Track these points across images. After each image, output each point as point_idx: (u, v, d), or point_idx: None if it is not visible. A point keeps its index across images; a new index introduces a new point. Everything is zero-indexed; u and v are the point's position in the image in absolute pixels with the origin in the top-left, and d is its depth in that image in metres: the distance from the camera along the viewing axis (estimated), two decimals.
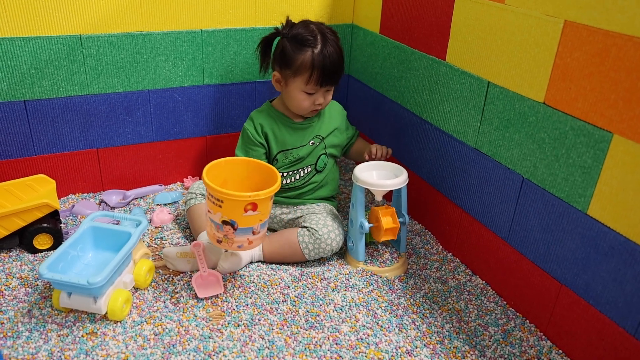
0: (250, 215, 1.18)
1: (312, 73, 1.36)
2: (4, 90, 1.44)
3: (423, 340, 1.17)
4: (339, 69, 1.39)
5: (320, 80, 1.37)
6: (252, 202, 1.15)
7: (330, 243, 1.37)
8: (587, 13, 0.97)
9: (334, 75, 1.39)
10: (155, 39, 1.55)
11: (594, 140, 1.00)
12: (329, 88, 1.42)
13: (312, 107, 1.42)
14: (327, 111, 1.53)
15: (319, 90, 1.40)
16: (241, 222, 1.18)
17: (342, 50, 1.40)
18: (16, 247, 1.41)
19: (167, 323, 1.18)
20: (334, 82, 1.41)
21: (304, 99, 1.41)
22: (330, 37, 1.38)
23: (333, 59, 1.36)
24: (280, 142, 1.47)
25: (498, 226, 1.29)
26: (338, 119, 1.55)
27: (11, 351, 1.08)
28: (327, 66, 1.35)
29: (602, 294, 1.03)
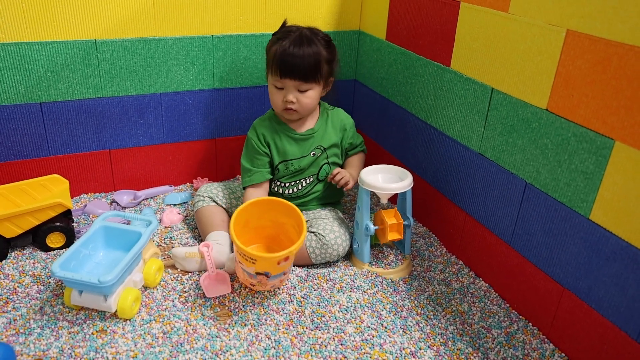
0: (283, 265, 1.21)
1: (274, 63, 1.37)
2: (21, 93, 1.47)
3: (427, 342, 1.18)
4: (302, 62, 1.35)
5: (279, 71, 1.36)
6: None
7: (337, 248, 1.39)
8: (589, 23, 0.99)
9: (295, 68, 1.35)
10: (167, 44, 1.58)
11: (596, 146, 1.01)
12: (300, 86, 1.38)
13: (283, 104, 1.40)
14: (330, 121, 1.52)
15: (285, 84, 1.38)
16: (274, 271, 1.21)
17: (319, 51, 1.37)
18: (29, 245, 1.43)
19: (175, 322, 1.19)
20: (297, 76, 1.36)
21: (274, 92, 1.41)
22: (309, 37, 1.38)
23: (296, 53, 1.34)
24: (282, 152, 1.47)
25: (501, 230, 1.30)
26: (338, 129, 1.53)
27: (23, 347, 1.10)
28: (287, 57, 1.34)
29: (604, 298, 1.05)
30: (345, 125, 1.54)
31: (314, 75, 1.38)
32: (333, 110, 1.55)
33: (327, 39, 1.43)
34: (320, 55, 1.38)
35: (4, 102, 1.46)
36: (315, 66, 1.37)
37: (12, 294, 1.25)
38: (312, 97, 1.41)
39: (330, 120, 1.52)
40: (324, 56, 1.39)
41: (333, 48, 1.44)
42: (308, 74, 1.37)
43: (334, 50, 1.45)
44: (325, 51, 1.40)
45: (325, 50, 1.40)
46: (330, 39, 1.44)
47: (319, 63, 1.38)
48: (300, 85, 1.38)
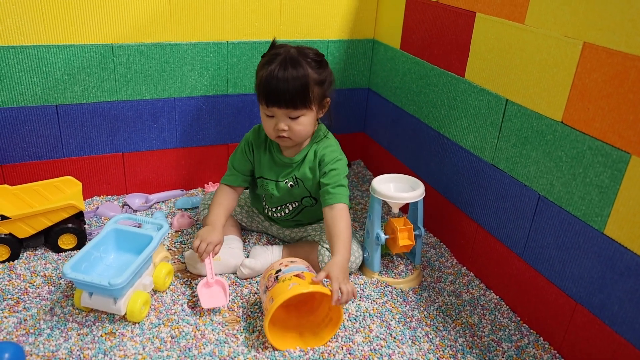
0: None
1: (260, 91, 1.28)
2: (38, 95, 1.49)
3: (436, 354, 1.17)
4: (288, 90, 1.24)
5: (265, 100, 1.27)
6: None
7: (350, 266, 1.38)
8: (607, 35, 0.99)
9: (280, 96, 1.25)
10: (182, 49, 1.59)
11: (612, 160, 1.00)
12: (290, 113, 1.28)
13: (274, 132, 1.31)
14: (312, 153, 1.39)
15: (274, 112, 1.28)
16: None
17: (308, 74, 1.26)
18: (41, 245, 1.45)
19: (184, 326, 1.19)
20: (284, 104, 1.26)
21: (265, 120, 1.32)
22: (296, 59, 1.26)
23: (280, 78, 1.23)
24: (260, 169, 1.43)
25: (513, 242, 1.29)
26: (317, 162, 1.38)
27: (32, 348, 1.11)
28: (271, 85, 1.24)
29: (618, 314, 1.03)
30: (324, 156, 1.37)
31: (303, 101, 1.27)
32: (323, 140, 1.40)
33: (317, 58, 1.30)
34: (307, 78, 1.26)
35: (21, 103, 1.48)
36: (303, 91, 1.26)
37: (23, 294, 1.26)
38: (305, 123, 1.31)
39: (314, 153, 1.39)
40: (313, 79, 1.27)
41: (324, 67, 1.32)
42: (297, 101, 1.26)
43: (326, 70, 1.32)
44: (315, 72, 1.28)
45: (315, 71, 1.28)
46: (322, 58, 1.32)
47: (306, 87, 1.26)
48: (290, 112, 1.28)
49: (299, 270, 1.19)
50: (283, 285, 1.13)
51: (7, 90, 1.45)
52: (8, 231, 1.35)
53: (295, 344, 1.17)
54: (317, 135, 1.41)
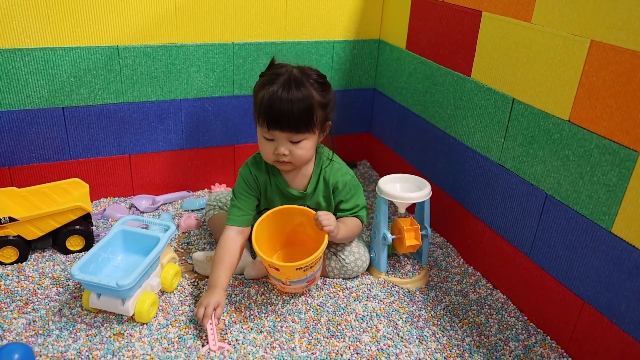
0: (275, 272, 1.23)
1: (261, 112, 1.22)
2: (45, 97, 1.49)
3: (443, 353, 1.17)
4: (291, 113, 1.18)
5: (267, 122, 1.21)
6: (274, 265, 1.20)
7: (357, 270, 1.39)
8: (614, 33, 0.98)
9: (284, 119, 1.19)
10: (188, 51, 1.60)
11: (619, 158, 1.00)
12: (292, 137, 1.23)
13: (274, 156, 1.26)
14: (322, 181, 1.35)
15: (274, 135, 1.23)
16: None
17: (311, 96, 1.21)
18: (50, 247, 1.45)
19: (191, 327, 1.20)
20: (287, 128, 1.20)
21: (264, 144, 1.26)
22: (300, 80, 1.21)
23: (283, 100, 1.18)
24: (269, 202, 1.38)
25: (520, 241, 1.29)
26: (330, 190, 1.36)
27: (42, 349, 1.11)
28: (274, 107, 1.18)
29: (626, 313, 1.03)
30: (337, 183, 1.35)
31: (306, 124, 1.22)
32: (328, 167, 1.36)
33: (320, 80, 1.25)
34: (312, 100, 1.21)
35: (28, 106, 1.49)
36: (307, 115, 1.21)
37: (32, 295, 1.27)
38: (306, 147, 1.25)
39: (323, 180, 1.35)
40: (317, 101, 1.22)
41: (328, 89, 1.27)
42: (300, 125, 1.21)
43: (329, 91, 1.27)
44: (319, 95, 1.23)
45: (319, 93, 1.23)
46: (324, 79, 1.27)
47: (310, 110, 1.21)
48: (292, 136, 1.22)
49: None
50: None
51: (13, 93, 1.46)
52: (16, 233, 1.36)
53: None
54: (321, 160, 1.36)
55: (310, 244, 1.32)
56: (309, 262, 1.19)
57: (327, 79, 1.28)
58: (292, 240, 1.38)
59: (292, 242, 1.38)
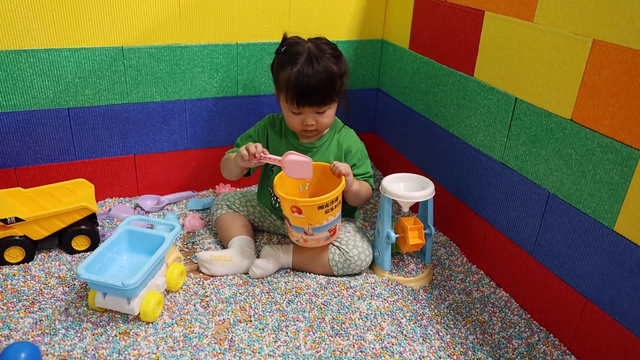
0: (297, 217, 1.27)
1: (288, 92, 1.31)
2: (50, 98, 1.50)
3: (447, 351, 1.18)
4: (319, 89, 1.30)
5: (296, 100, 1.31)
6: (296, 206, 1.24)
7: (360, 264, 1.40)
8: (616, 32, 0.99)
9: (312, 96, 1.31)
10: (192, 51, 1.61)
11: (622, 157, 1.01)
12: (318, 109, 1.35)
13: (301, 127, 1.37)
14: (335, 141, 1.45)
15: (302, 110, 1.34)
16: (292, 220, 1.31)
17: (332, 70, 1.32)
18: (55, 247, 1.46)
19: (196, 326, 1.21)
20: (315, 103, 1.32)
21: (291, 117, 1.37)
22: (318, 56, 1.30)
23: (310, 80, 1.28)
24: (277, 154, 1.38)
25: (523, 240, 1.29)
26: (342, 150, 1.45)
27: (48, 347, 1.12)
28: (302, 86, 1.29)
29: (628, 310, 1.03)
30: (350, 147, 1.45)
31: (331, 97, 1.34)
32: (343, 130, 1.49)
33: (335, 53, 1.36)
34: (333, 74, 1.32)
35: (33, 107, 1.50)
36: (331, 88, 1.32)
37: (38, 294, 1.28)
38: (330, 115, 1.39)
39: (336, 140, 1.46)
40: (336, 73, 1.33)
41: (342, 58, 1.38)
42: (325, 98, 1.33)
43: (343, 61, 1.38)
44: (336, 67, 1.34)
45: (336, 65, 1.34)
46: (337, 49, 1.37)
47: (333, 83, 1.33)
48: (319, 109, 1.35)
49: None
50: None
51: (19, 94, 1.47)
52: (22, 233, 1.37)
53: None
54: (335, 124, 1.48)
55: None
56: (330, 198, 1.25)
57: (337, 48, 1.38)
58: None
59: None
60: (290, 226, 1.33)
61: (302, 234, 1.32)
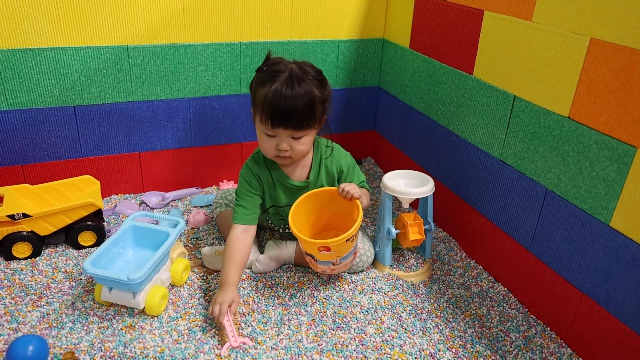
0: (325, 254, 1.24)
1: (263, 110, 1.22)
2: (56, 96, 1.52)
3: (446, 344, 1.19)
4: (296, 111, 1.20)
5: (270, 120, 1.21)
6: (324, 246, 1.21)
7: (362, 266, 1.41)
8: (613, 31, 1.00)
9: (288, 117, 1.21)
10: (196, 50, 1.62)
11: (618, 154, 1.02)
12: (294, 134, 1.24)
13: (274, 152, 1.27)
14: (324, 170, 1.39)
15: (277, 133, 1.24)
16: (319, 257, 1.25)
17: (313, 93, 1.22)
18: (62, 243, 1.48)
19: (201, 319, 1.22)
20: (290, 126, 1.22)
21: (265, 140, 1.27)
22: (300, 77, 1.22)
23: (288, 99, 1.19)
24: (274, 199, 1.40)
25: (521, 235, 1.31)
26: (335, 173, 1.40)
27: (55, 341, 1.14)
28: (277, 105, 1.19)
29: (624, 304, 1.05)
30: (341, 167, 1.39)
31: (308, 121, 1.24)
32: (329, 157, 1.39)
33: (318, 76, 1.27)
34: (314, 97, 1.23)
35: (40, 105, 1.51)
36: (309, 112, 1.23)
37: (45, 289, 1.30)
38: (307, 142, 1.28)
39: (325, 168, 1.39)
40: (317, 98, 1.24)
41: (325, 84, 1.28)
42: (303, 122, 1.23)
43: (327, 86, 1.29)
44: (318, 91, 1.24)
45: (318, 90, 1.25)
46: (321, 74, 1.29)
47: (313, 107, 1.23)
48: (295, 133, 1.24)
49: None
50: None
51: (26, 92, 1.48)
52: (30, 229, 1.38)
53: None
54: (319, 149, 1.39)
55: (338, 223, 1.34)
56: (355, 230, 1.21)
57: (322, 73, 1.29)
58: (320, 228, 1.41)
59: (322, 229, 1.41)
60: (316, 262, 1.28)
61: (329, 265, 1.29)
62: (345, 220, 1.30)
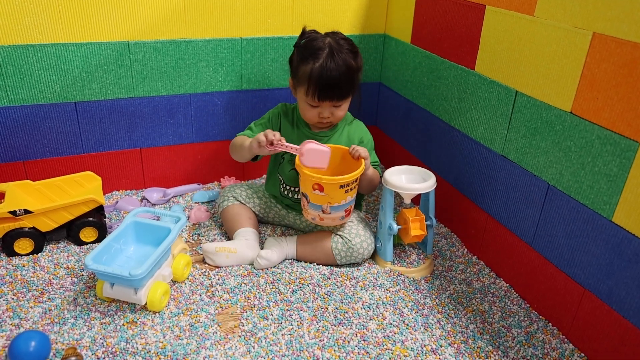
0: (318, 195, 1.29)
1: (310, 86, 1.34)
2: (57, 92, 1.52)
3: (448, 340, 1.20)
4: (340, 84, 1.34)
5: (317, 95, 1.34)
6: (319, 184, 1.27)
7: (362, 252, 1.41)
8: (616, 25, 1.00)
9: (334, 91, 1.34)
10: (197, 46, 1.62)
11: (620, 149, 1.02)
12: (336, 103, 1.38)
13: (317, 119, 1.41)
14: (347, 132, 1.49)
15: (321, 103, 1.37)
16: (312, 198, 1.33)
17: (352, 65, 1.35)
18: (64, 239, 1.48)
19: (202, 315, 1.23)
20: (335, 98, 1.36)
21: (308, 109, 1.40)
22: (339, 51, 1.33)
23: (332, 75, 1.32)
24: (290, 142, 1.41)
25: (523, 231, 1.31)
26: (355, 141, 1.48)
27: (57, 336, 1.14)
28: (324, 81, 1.32)
29: (626, 299, 1.05)
30: (362, 138, 1.50)
31: (350, 91, 1.38)
32: (354, 122, 1.52)
33: (353, 48, 1.38)
34: (353, 70, 1.36)
35: (41, 101, 1.51)
36: (350, 83, 1.36)
37: (47, 285, 1.30)
38: (345, 108, 1.42)
39: (348, 131, 1.49)
40: (354, 68, 1.37)
41: (358, 54, 1.40)
42: (344, 93, 1.37)
43: (359, 57, 1.41)
44: (354, 62, 1.37)
45: (355, 61, 1.37)
46: (354, 45, 1.40)
47: (352, 78, 1.36)
48: (337, 102, 1.38)
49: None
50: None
51: (27, 88, 1.48)
52: (32, 225, 1.39)
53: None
54: (346, 116, 1.50)
55: None
56: (352, 178, 1.29)
57: (353, 42, 1.40)
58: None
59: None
60: (308, 204, 1.35)
61: (319, 212, 1.34)
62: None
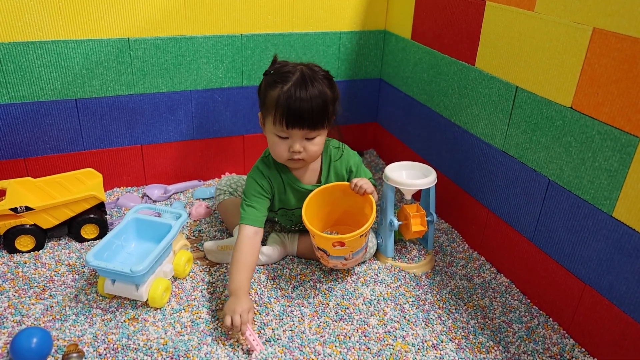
0: (339, 249, 1.24)
1: (277, 111, 1.20)
2: (58, 89, 1.52)
3: (448, 335, 1.20)
4: (312, 109, 1.19)
5: (285, 121, 1.20)
6: (339, 241, 1.21)
7: (366, 256, 1.42)
8: (616, 21, 1.00)
9: (303, 117, 1.19)
10: (197, 43, 1.62)
11: (621, 144, 1.02)
12: (308, 134, 1.24)
13: (287, 154, 1.26)
14: (333, 172, 1.39)
15: (291, 134, 1.23)
16: (332, 252, 1.26)
17: (326, 92, 1.22)
18: (65, 236, 1.48)
19: (203, 311, 1.23)
20: (306, 125, 1.21)
21: (277, 142, 1.25)
22: (312, 77, 1.21)
23: (302, 97, 1.18)
24: (284, 202, 1.39)
25: (523, 226, 1.31)
26: (345, 174, 1.39)
27: (59, 333, 1.15)
28: (292, 105, 1.18)
29: (626, 294, 1.05)
30: (351, 167, 1.39)
31: (322, 120, 1.23)
32: (339, 160, 1.39)
33: (327, 76, 1.27)
34: (326, 97, 1.22)
35: (41, 98, 1.51)
36: (323, 111, 1.22)
37: (48, 282, 1.30)
38: (319, 143, 1.28)
39: (334, 170, 1.39)
40: (329, 97, 1.23)
41: (334, 84, 1.28)
42: (317, 122, 1.22)
43: (335, 87, 1.28)
44: (329, 91, 1.24)
45: (329, 89, 1.24)
46: (329, 74, 1.28)
47: (326, 107, 1.22)
48: (309, 133, 1.24)
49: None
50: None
51: (27, 85, 1.48)
52: (33, 222, 1.39)
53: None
54: (328, 151, 1.38)
55: (349, 218, 1.36)
56: (370, 225, 1.23)
57: (330, 73, 1.29)
58: (332, 223, 1.42)
59: (334, 224, 1.43)
60: (328, 257, 1.27)
61: (341, 260, 1.29)
62: (357, 215, 1.32)
